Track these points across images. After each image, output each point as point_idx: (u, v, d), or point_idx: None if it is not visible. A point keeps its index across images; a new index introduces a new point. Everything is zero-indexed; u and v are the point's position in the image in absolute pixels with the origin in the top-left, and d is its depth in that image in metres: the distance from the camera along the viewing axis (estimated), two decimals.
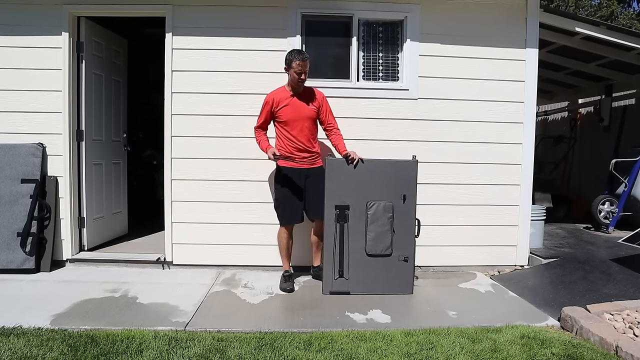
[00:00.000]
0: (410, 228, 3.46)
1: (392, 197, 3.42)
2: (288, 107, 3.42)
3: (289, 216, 3.52)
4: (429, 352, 2.45)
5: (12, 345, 2.39)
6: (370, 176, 3.41)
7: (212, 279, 3.75)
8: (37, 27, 3.89)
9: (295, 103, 3.43)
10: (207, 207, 3.98)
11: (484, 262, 4.13)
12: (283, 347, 2.48)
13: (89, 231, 4.20)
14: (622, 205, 5.42)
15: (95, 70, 4.27)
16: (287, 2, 3.91)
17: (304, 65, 3.32)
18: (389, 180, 3.43)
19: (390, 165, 3.46)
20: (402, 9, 3.97)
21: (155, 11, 3.92)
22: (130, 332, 2.63)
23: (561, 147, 7.59)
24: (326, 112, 3.54)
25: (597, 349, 2.53)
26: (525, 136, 4.09)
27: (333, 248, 3.42)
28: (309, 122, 3.46)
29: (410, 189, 3.43)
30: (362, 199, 3.41)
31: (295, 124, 3.43)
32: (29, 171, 3.87)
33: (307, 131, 3.46)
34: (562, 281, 3.66)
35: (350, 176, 3.40)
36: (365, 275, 3.44)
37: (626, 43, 4.55)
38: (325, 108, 3.53)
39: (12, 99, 3.92)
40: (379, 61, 4.09)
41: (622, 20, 15.88)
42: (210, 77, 3.92)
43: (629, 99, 6.64)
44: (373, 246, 3.42)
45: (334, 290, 3.43)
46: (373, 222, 3.40)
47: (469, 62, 4.03)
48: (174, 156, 3.96)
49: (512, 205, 4.12)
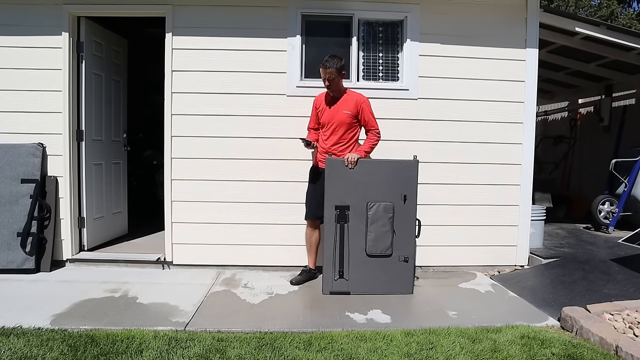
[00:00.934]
0: (411, 228, 3.46)
1: (392, 198, 3.42)
2: (324, 110, 3.56)
3: (308, 210, 3.68)
4: (429, 352, 2.45)
5: (12, 345, 2.39)
6: (371, 176, 3.41)
7: (212, 279, 3.75)
8: (37, 27, 3.88)
9: (331, 108, 3.53)
10: (207, 207, 3.98)
11: (484, 262, 4.13)
12: (283, 347, 2.48)
13: (89, 231, 4.20)
14: (622, 205, 5.42)
15: (95, 70, 4.27)
16: (287, 2, 3.91)
17: (323, 73, 3.40)
18: (389, 181, 3.42)
19: (390, 166, 3.46)
20: (402, 9, 3.97)
21: (155, 11, 3.92)
22: (130, 332, 2.63)
23: (561, 147, 7.59)
24: (364, 116, 3.50)
25: (597, 349, 2.53)
26: (525, 136, 4.09)
27: (333, 248, 3.42)
28: (340, 126, 3.49)
29: (411, 189, 3.43)
30: (363, 199, 3.41)
31: (328, 127, 3.53)
32: (29, 171, 3.87)
33: (335, 137, 3.51)
34: (562, 281, 3.66)
35: (350, 176, 3.39)
36: (365, 275, 3.44)
37: (626, 43, 4.55)
38: (363, 113, 3.48)
39: (12, 99, 3.92)
40: (379, 61, 4.09)
41: (622, 20, 15.89)
42: (210, 77, 3.92)
43: (629, 99, 6.64)
44: (373, 246, 3.42)
45: (334, 291, 3.42)
46: (373, 222, 3.40)
47: (469, 62, 4.03)
48: (174, 156, 3.96)
49: (512, 205, 4.12)
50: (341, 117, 3.47)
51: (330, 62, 3.38)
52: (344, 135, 3.51)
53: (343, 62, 3.45)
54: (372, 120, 3.53)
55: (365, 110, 3.50)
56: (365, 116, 3.50)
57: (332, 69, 3.36)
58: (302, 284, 3.65)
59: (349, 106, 3.48)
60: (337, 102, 3.52)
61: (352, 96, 3.53)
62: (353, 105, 3.48)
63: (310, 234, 3.71)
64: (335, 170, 3.39)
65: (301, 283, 3.65)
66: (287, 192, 3.95)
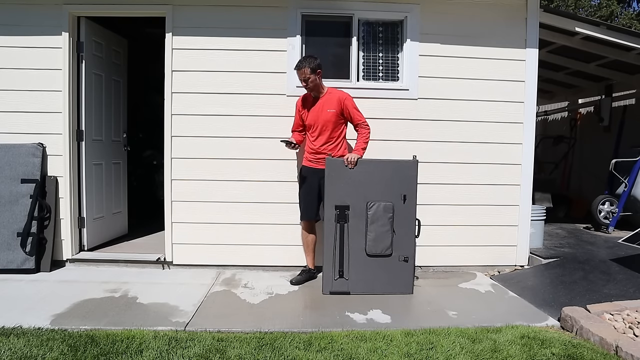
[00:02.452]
0: (411, 228, 3.46)
1: (392, 198, 3.42)
2: (308, 111, 3.54)
3: (303, 211, 3.69)
4: (429, 352, 2.45)
5: (12, 345, 2.39)
6: (371, 176, 3.41)
7: (212, 279, 3.75)
8: (37, 27, 3.88)
9: (315, 108, 3.51)
10: (207, 207, 3.98)
11: (484, 262, 4.13)
12: (283, 347, 2.48)
13: (89, 231, 4.20)
14: (622, 205, 5.42)
15: (95, 70, 4.27)
16: (287, 2, 3.91)
17: (298, 74, 3.41)
18: (389, 181, 3.42)
19: (390, 165, 3.46)
20: (402, 9, 3.97)
21: (155, 11, 3.92)
22: (130, 332, 2.63)
23: (561, 147, 7.59)
24: (349, 112, 3.50)
25: (597, 349, 2.53)
26: (525, 136, 4.09)
27: (333, 248, 3.42)
28: (327, 125, 3.49)
29: (411, 189, 3.43)
30: (363, 199, 3.41)
31: (315, 128, 3.52)
32: (29, 171, 3.87)
33: (324, 137, 3.51)
34: (562, 281, 3.66)
35: (350, 176, 3.39)
36: (365, 275, 3.44)
37: (626, 43, 4.54)
38: (347, 109, 3.49)
39: (12, 99, 3.92)
40: (379, 61, 4.09)
41: (622, 20, 15.88)
42: (210, 77, 3.92)
43: (629, 99, 6.63)
44: (373, 246, 3.42)
45: (333, 291, 3.43)
46: (373, 222, 3.40)
47: (469, 62, 4.03)
48: (174, 156, 3.96)
49: (512, 205, 4.12)
50: (326, 117, 3.48)
51: (304, 62, 3.38)
52: (332, 134, 3.52)
53: (318, 60, 3.42)
54: (358, 114, 3.53)
55: (349, 106, 3.50)
56: (350, 112, 3.50)
57: (305, 68, 3.36)
58: (302, 284, 3.65)
59: (332, 104, 3.48)
60: (320, 102, 3.52)
61: (333, 94, 3.52)
62: (336, 103, 3.47)
63: (306, 234, 3.72)
64: (336, 170, 3.39)
65: (301, 283, 3.66)
66: (287, 192, 3.95)
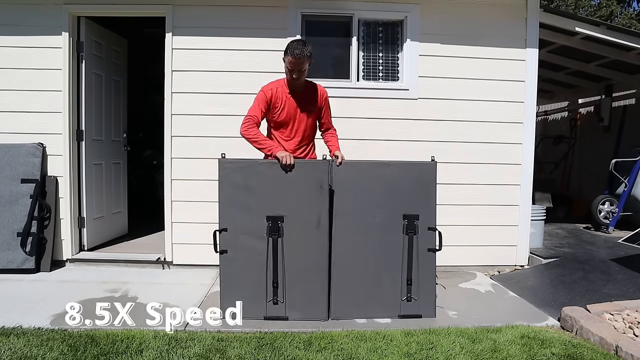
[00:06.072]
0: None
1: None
2: (285, 106, 2.97)
3: None
4: (429, 352, 2.45)
5: (12, 345, 2.39)
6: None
7: (212, 278, 3.74)
8: (37, 27, 3.88)
9: (292, 103, 2.97)
10: (207, 207, 3.95)
11: (484, 262, 4.13)
12: (283, 347, 2.48)
13: (89, 231, 4.20)
14: (622, 205, 5.42)
15: (95, 70, 4.27)
16: (287, 2, 3.91)
17: (296, 64, 2.80)
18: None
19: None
20: (402, 9, 3.97)
21: (155, 11, 3.92)
22: (130, 332, 2.62)
23: (561, 147, 7.58)
24: (326, 113, 3.14)
25: (597, 349, 2.52)
26: (525, 136, 4.09)
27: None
28: (307, 125, 3.05)
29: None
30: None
31: (291, 126, 3.02)
32: (29, 171, 3.87)
33: (304, 137, 3.08)
34: (562, 281, 3.66)
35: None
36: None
37: (626, 43, 4.54)
38: (326, 109, 3.13)
39: (12, 99, 3.92)
40: (379, 61, 4.09)
41: (621, 20, 15.89)
42: (210, 77, 3.92)
43: (629, 99, 6.63)
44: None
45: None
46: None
47: (469, 62, 4.02)
48: (174, 156, 3.96)
49: (512, 205, 4.12)
50: (308, 114, 3.03)
51: (305, 49, 2.80)
52: (311, 134, 3.11)
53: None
54: (330, 114, 3.18)
55: (328, 105, 3.12)
56: (326, 111, 3.11)
57: (307, 59, 2.83)
58: None
59: (314, 99, 3.03)
60: (300, 96, 2.98)
61: (313, 87, 3.05)
62: (319, 98, 3.04)
63: None
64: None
65: None
66: None
